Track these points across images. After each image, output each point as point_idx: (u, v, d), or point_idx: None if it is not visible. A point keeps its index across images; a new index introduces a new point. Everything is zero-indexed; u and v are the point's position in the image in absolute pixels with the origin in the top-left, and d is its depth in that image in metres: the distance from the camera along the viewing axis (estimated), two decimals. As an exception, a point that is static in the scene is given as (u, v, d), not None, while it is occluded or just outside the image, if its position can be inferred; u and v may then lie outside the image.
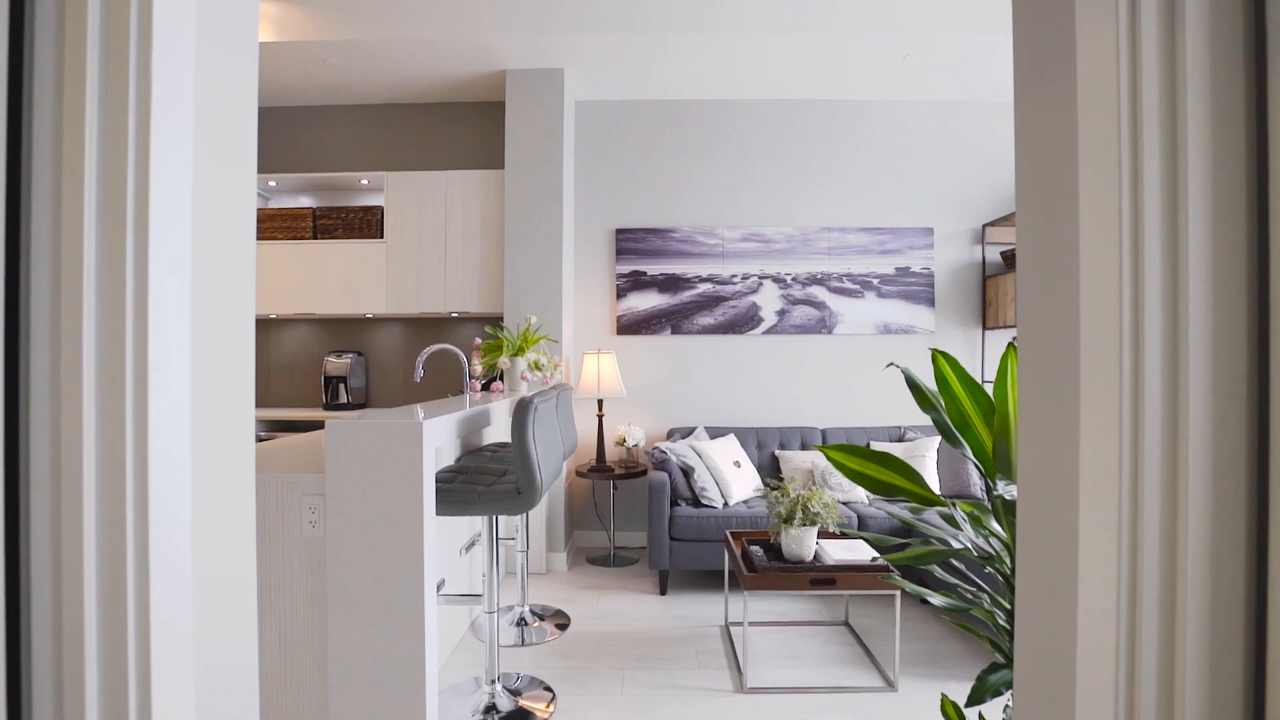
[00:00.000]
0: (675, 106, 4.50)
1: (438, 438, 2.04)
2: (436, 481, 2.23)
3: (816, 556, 2.65)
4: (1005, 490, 0.94)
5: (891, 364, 1.38)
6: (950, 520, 1.18)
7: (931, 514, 3.27)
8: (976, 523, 1.19)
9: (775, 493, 2.64)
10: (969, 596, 1.07)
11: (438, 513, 2.09)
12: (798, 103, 4.50)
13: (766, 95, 4.44)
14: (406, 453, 1.88)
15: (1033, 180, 0.83)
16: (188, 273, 0.72)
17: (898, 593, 2.49)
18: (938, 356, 1.17)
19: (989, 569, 1.14)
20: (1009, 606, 1.10)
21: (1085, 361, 0.68)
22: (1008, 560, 1.11)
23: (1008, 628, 1.11)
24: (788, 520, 2.54)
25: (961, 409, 1.15)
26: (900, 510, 3.17)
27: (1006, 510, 1.02)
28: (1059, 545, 0.74)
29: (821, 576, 2.47)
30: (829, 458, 1.14)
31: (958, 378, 1.15)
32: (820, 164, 4.50)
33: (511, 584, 3.73)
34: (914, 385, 1.26)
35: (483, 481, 2.32)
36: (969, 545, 1.08)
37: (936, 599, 1.06)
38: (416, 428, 1.87)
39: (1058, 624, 0.74)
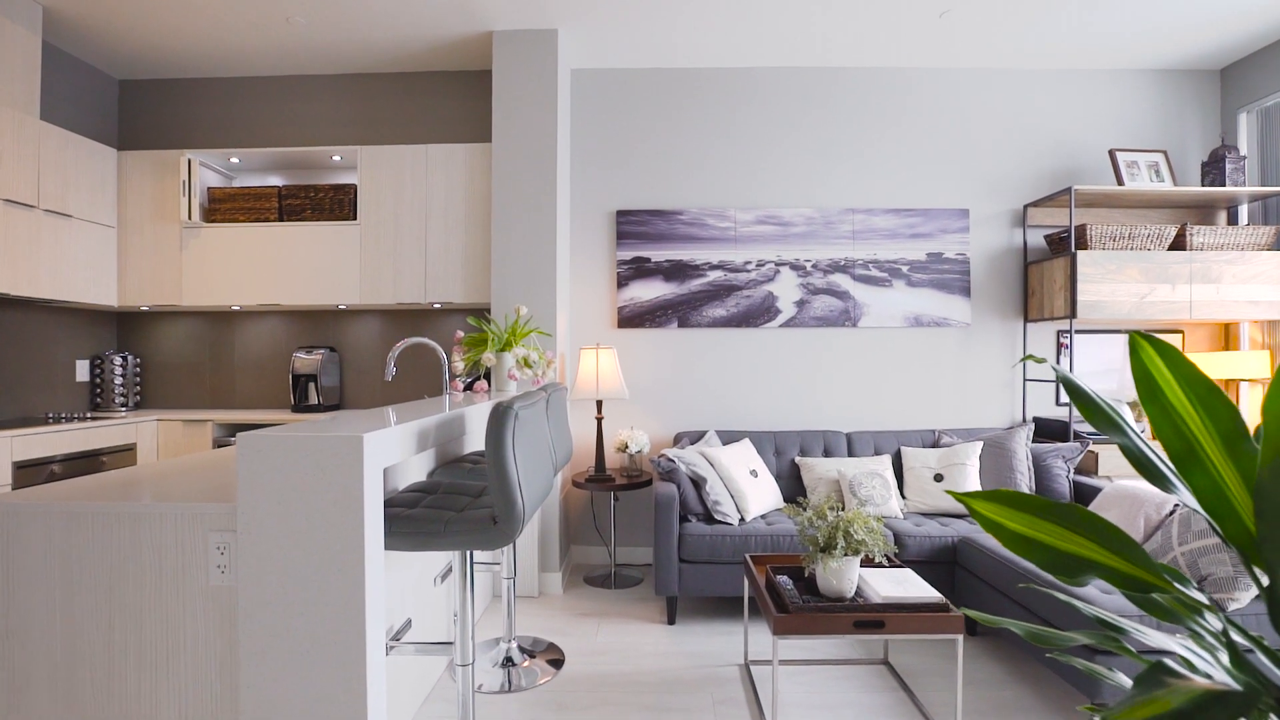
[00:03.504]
0: (681, 76, 4.04)
1: (389, 453, 1.60)
2: (396, 505, 1.79)
3: (858, 591, 2.21)
4: None
5: (1030, 355, 0.93)
6: (1158, 610, 0.73)
7: (1099, 590, 2.26)
8: (1175, 616, 0.74)
9: (808, 514, 2.19)
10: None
11: (389, 547, 1.65)
12: (819, 71, 4.04)
13: (784, 63, 3.98)
14: (342, 475, 1.43)
15: None
16: None
17: (960, 636, 2.05)
18: (1142, 344, 0.72)
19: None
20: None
21: None
22: None
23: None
24: (826, 549, 2.09)
25: (1183, 430, 0.71)
26: (1084, 602, 1.91)
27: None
28: None
29: (869, 619, 2.02)
30: (976, 514, 0.70)
31: (1180, 379, 0.70)
32: (843, 139, 4.04)
33: (498, 610, 3.29)
34: (1077, 391, 0.82)
35: (454, 504, 1.87)
36: (1256, 682, 0.63)
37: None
38: (354, 441, 1.43)
39: None
